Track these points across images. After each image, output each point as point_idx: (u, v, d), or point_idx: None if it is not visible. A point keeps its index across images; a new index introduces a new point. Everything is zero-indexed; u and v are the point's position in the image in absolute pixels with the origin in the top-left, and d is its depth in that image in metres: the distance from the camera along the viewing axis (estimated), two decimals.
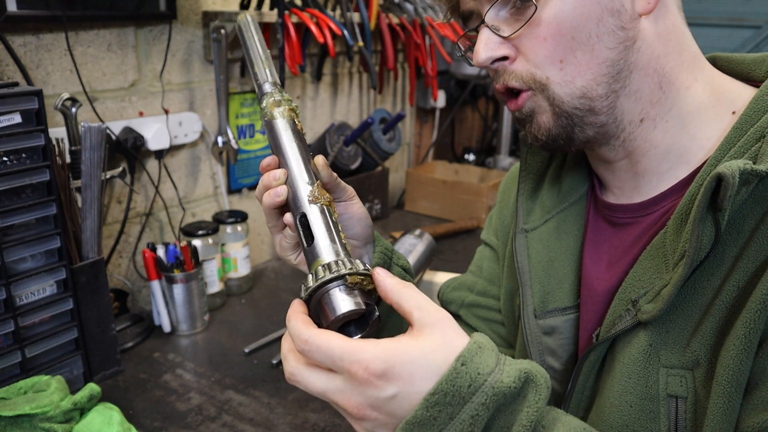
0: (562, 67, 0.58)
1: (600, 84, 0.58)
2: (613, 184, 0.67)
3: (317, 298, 0.52)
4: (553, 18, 0.56)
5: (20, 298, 1.02)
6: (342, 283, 0.52)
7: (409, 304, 0.50)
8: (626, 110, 0.60)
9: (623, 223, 0.65)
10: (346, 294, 0.51)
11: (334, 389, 0.48)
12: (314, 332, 0.49)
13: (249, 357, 1.24)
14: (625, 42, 0.57)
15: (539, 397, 0.48)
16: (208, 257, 1.41)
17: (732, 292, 0.53)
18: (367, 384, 0.46)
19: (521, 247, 0.73)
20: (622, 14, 0.56)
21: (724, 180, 0.49)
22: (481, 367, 0.46)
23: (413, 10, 1.91)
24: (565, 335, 0.70)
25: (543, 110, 0.60)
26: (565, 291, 0.70)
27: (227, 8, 1.54)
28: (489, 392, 0.46)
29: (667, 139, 0.61)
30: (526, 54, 0.59)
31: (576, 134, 0.60)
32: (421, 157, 2.43)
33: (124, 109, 1.37)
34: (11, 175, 0.96)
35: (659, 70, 0.59)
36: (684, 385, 0.56)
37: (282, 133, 0.65)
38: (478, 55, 0.60)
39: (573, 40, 0.57)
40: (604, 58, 0.57)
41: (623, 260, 0.64)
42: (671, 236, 0.57)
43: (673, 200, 0.61)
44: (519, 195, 0.76)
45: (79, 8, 1.21)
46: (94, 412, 0.94)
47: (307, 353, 0.49)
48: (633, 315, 0.58)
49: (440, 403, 0.45)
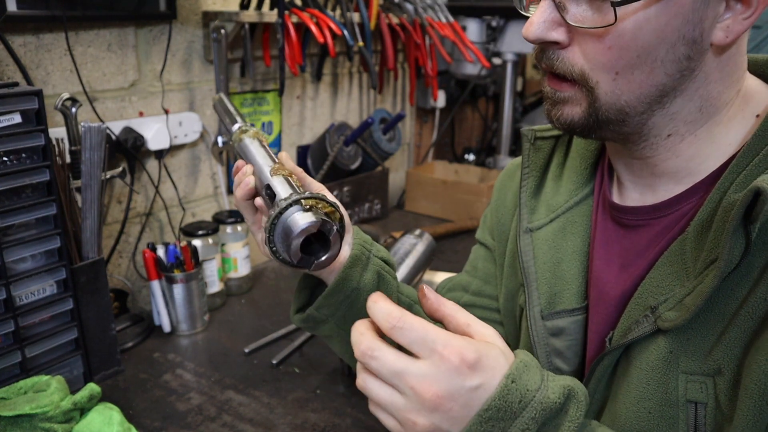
0: (615, 78, 0.55)
1: (642, 104, 0.56)
2: (627, 178, 0.66)
3: (280, 226, 0.57)
4: (629, 32, 0.53)
5: (20, 298, 1.02)
6: (298, 207, 0.57)
7: (466, 316, 0.53)
8: (656, 125, 0.59)
9: (635, 226, 0.64)
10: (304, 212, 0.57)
11: (416, 372, 0.48)
12: (407, 312, 0.50)
13: (249, 357, 1.24)
14: (684, 71, 0.55)
15: (579, 413, 0.51)
16: (208, 257, 1.40)
17: (760, 304, 0.52)
18: (456, 371, 0.48)
19: (526, 247, 0.72)
20: (696, 44, 0.54)
21: (762, 194, 0.49)
22: (529, 384, 0.49)
23: (413, 10, 1.91)
24: (572, 337, 0.69)
25: (578, 104, 0.58)
26: (573, 292, 0.69)
27: (227, 8, 1.54)
28: (538, 407, 0.49)
29: (692, 150, 0.60)
30: (584, 50, 0.56)
31: (594, 133, 0.60)
32: (421, 157, 2.43)
33: (124, 109, 1.37)
34: (11, 175, 0.96)
35: (705, 95, 0.57)
36: (704, 392, 0.55)
37: (249, 145, 0.73)
38: (529, 28, 0.56)
39: (637, 59, 0.54)
40: (657, 82, 0.55)
41: (637, 264, 0.63)
42: (692, 243, 0.56)
43: (689, 203, 0.60)
44: (521, 193, 0.74)
45: (79, 8, 1.21)
46: (94, 412, 0.94)
47: (398, 330, 0.49)
48: (652, 321, 0.57)
49: (494, 418, 0.48)
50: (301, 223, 0.56)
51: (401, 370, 0.48)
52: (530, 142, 0.75)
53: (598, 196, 0.71)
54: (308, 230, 0.56)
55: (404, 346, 0.49)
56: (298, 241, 0.56)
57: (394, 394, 0.49)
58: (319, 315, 0.73)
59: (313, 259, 0.59)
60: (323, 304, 0.72)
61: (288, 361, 1.23)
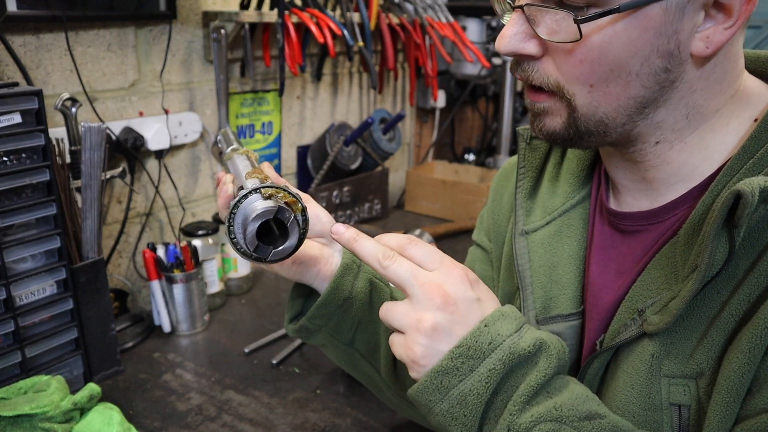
0: (591, 91, 0.55)
1: (621, 115, 0.55)
2: (619, 182, 0.65)
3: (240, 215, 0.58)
4: (598, 46, 0.52)
5: (20, 298, 1.02)
6: (259, 195, 0.59)
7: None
8: (641, 134, 0.58)
9: (632, 231, 0.63)
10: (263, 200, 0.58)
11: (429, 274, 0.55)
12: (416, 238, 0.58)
13: (249, 357, 1.24)
14: (664, 83, 0.54)
15: (549, 365, 0.53)
16: (208, 257, 1.40)
17: (741, 306, 0.52)
18: (462, 280, 0.55)
19: (522, 249, 0.71)
20: (673, 57, 0.52)
21: (743, 198, 0.48)
22: (501, 330, 0.54)
23: (413, 10, 1.91)
24: (568, 342, 0.69)
25: (558, 114, 0.58)
26: (569, 297, 0.68)
27: (227, 8, 1.54)
28: (506, 351, 0.53)
29: (682, 157, 0.59)
30: (557, 63, 0.55)
31: (577, 143, 0.59)
32: (421, 157, 2.43)
33: (124, 109, 1.37)
34: (11, 175, 0.96)
35: (691, 104, 0.56)
36: (687, 394, 0.55)
37: (236, 159, 0.76)
38: (501, 41, 0.56)
39: (610, 72, 0.53)
40: (635, 94, 0.54)
41: (632, 270, 0.62)
42: (682, 247, 0.56)
43: (685, 209, 0.59)
44: (517, 194, 0.73)
45: (79, 8, 1.21)
46: (94, 412, 0.94)
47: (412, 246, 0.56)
48: (639, 325, 0.57)
49: (463, 355, 0.53)
50: (258, 208, 0.57)
51: (414, 272, 0.55)
52: (526, 142, 0.74)
53: (595, 199, 0.70)
54: (264, 215, 0.57)
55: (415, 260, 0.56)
56: (254, 225, 0.57)
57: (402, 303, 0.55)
58: (312, 325, 0.73)
59: (271, 248, 0.59)
60: (316, 314, 0.72)
61: (288, 361, 1.23)
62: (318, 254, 0.71)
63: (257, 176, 0.65)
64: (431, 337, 0.53)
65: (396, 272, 0.55)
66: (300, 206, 0.60)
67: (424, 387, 0.54)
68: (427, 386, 0.53)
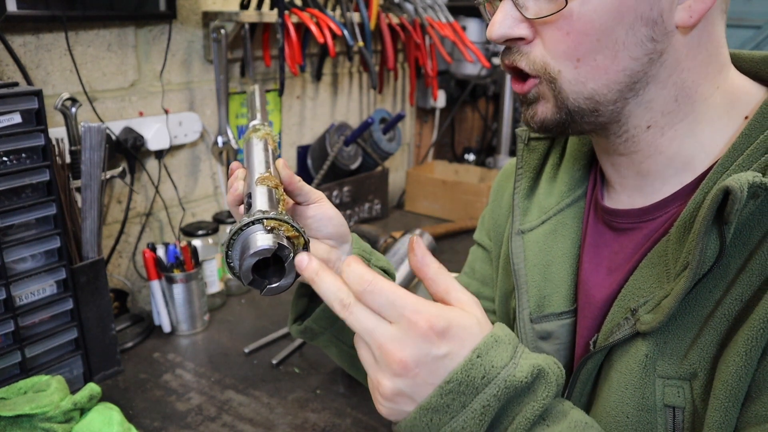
0: (578, 66, 0.55)
1: (611, 90, 0.56)
2: (614, 180, 0.65)
3: (239, 243, 0.56)
4: (584, 15, 0.53)
5: (20, 298, 1.02)
6: (260, 226, 0.55)
7: (447, 282, 0.51)
8: (633, 116, 0.58)
9: (624, 229, 0.64)
10: (264, 234, 0.54)
11: (386, 333, 0.47)
12: (379, 277, 0.48)
13: (249, 357, 1.24)
14: (651, 54, 0.54)
15: (547, 393, 0.49)
16: (208, 257, 1.40)
17: (734, 305, 0.52)
18: (424, 337, 0.46)
19: (517, 249, 0.72)
20: (657, 25, 0.53)
21: (732, 193, 0.48)
22: (495, 360, 0.48)
23: (413, 10, 1.91)
24: (561, 340, 0.69)
25: (546, 100, 0.58)
26: (562, 295, 0.69)
27: (227, 8, 1.54)
28: (501, 385, 0.47)
29: (674, 146, 0.59)
30: (545, 42, 0.56)
31: (571, 128, 0.59)
32: (421, 157, 2.43)
33: (124, 109, 1.37)
34: (11, 175, 0.96)
35: (679, 83, 0.56)
36: (681, 396, 0.55)
37: (253, 146, 0.71)
38: (492, 28, 0.57)
39: (597, 42, 0.54)
40: (624, 66, 0.54)
41: (624, 267, 0.62)
42: (673, 245, 0.56)
43: (677, 206, 0.59)
44: (515, 194, 0.73)
45: (79, 8, 1.21)
46: (94, 412, 0.94)
47: (368, 294, 0.48)
48: (632, 324, 0.57)
49: (454, 391, 0.47)
50: (257, 245, 0.53)
51: (371, 329, 0.48)
52: (524, 143, 0.74)
53: (590, 198, 0.70)
54: (261, 253, 0.53)
55: (374, 310, 0.48)
56: (250, 261, 0.53)
57: (365, 349, 0.49)
58: (317, 327, 0.72)
59: (266, 283, 0.56)
60: (321, 315, 0.71)
61: (288, 361, 1.23)
62: (326, 257, 0.70)
63: (267, 184, 0.62)
64: (393, 401, 0.48)
65: (353, 326, 0.49)
66: (303, 240, 0.57)
67: (413, 425, 0.48)
68: (416, 423, 0.48)
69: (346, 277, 0.49)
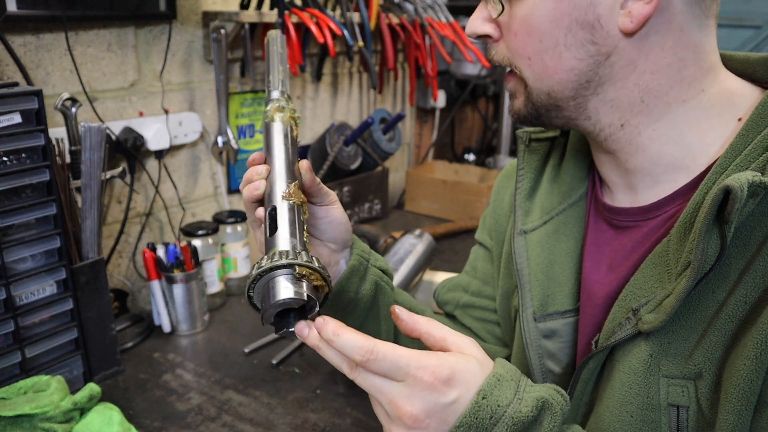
0: (531, 64, 0.59)
1: (566, 88, 0.59)
2: (608, 178, 0.66)
3: (265, 280, 0.54)
4: (523, 17, 0.58)
5: (20, 298, 1.02)
6: (290, 271, 0.54)
7: (441, 330, 0.53)
8: (602, 113, 0.60)
9: (624, 227, 0.64)
10: (292, 282, 0.53)
11: (394, 391, 0.49)
12: (375, 342, 0.50)
13: (249, 357, 1.24)
14: (596, 56, 0.57)
15: (553, 424, 0.51)
16: (208, 257, 1.41)
17: (740, 307, 0.52)
18: (432, 389, 0.49)
19: (520, 249, 0.72)
20: (596, 29, 0.55)
21: (732, 193, 0.48)
22: (501, 399, 0.50)
23: (413, 10, 1.91)
24: (564, 339, 0.69)
25: (520, 94, 0.63)
26: (565, 294, 0.69)
27: (227, 8, 1.54)
28: (509, 422, 0.49)
29: (656, 146, 0.60)
30: (506, 40, 0.61)
31: (544, 121, 0.63)
32: (421, 157, 2.43)
33: (124, 109, 1.37)
34: (11, 175, 0.96)
35: (642, 85, 0.58)
36: (686, 395, 0.55)
37: (275, 134, 0.67)
38: (468, 25, 0.63)
39: (540, 43, 0.58)
40: (571, 66, 0.58)
41: (624, 265, 0.63)
42: (674, 245, 0.56)
43: (676, 206, 0.60)
44: (516, 194, 0.74)
45: (79, 8, 1.21)
46: (94, 412, 0.94)
47: (371, 363, 0.50)
48: (633, 324, 0.57)
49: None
50: (284, 295, 0.52)
51: (380, 387, 0.50)
52: (525, 144, 0.75)
53: (591, 197, 0.71)
54: (289, 303, 0.53)
55: (380, 376, 0.50)
56: (273, 311, 0.53)
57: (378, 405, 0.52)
58: None
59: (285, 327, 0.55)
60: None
61: (288, 361, 1.23)
62: (327, 260, 0.71)
63: (293, 201, 0.60)
64: None
65: (362, 386, 0.52)
66: (327, 289, 0.57)
67: None
68: None
69: (340, 347, 0.51)
